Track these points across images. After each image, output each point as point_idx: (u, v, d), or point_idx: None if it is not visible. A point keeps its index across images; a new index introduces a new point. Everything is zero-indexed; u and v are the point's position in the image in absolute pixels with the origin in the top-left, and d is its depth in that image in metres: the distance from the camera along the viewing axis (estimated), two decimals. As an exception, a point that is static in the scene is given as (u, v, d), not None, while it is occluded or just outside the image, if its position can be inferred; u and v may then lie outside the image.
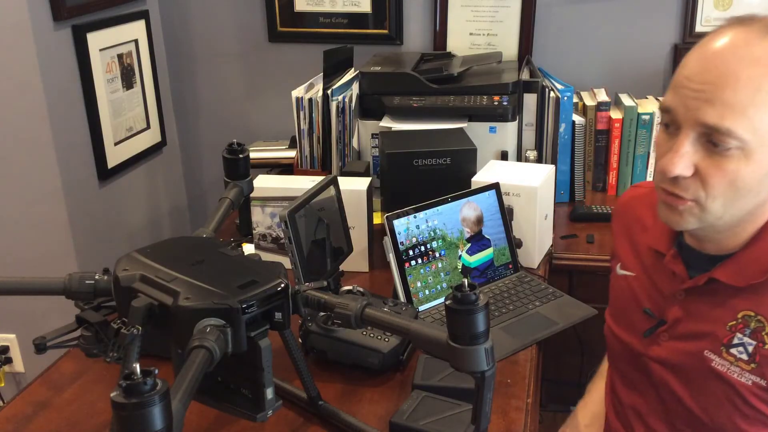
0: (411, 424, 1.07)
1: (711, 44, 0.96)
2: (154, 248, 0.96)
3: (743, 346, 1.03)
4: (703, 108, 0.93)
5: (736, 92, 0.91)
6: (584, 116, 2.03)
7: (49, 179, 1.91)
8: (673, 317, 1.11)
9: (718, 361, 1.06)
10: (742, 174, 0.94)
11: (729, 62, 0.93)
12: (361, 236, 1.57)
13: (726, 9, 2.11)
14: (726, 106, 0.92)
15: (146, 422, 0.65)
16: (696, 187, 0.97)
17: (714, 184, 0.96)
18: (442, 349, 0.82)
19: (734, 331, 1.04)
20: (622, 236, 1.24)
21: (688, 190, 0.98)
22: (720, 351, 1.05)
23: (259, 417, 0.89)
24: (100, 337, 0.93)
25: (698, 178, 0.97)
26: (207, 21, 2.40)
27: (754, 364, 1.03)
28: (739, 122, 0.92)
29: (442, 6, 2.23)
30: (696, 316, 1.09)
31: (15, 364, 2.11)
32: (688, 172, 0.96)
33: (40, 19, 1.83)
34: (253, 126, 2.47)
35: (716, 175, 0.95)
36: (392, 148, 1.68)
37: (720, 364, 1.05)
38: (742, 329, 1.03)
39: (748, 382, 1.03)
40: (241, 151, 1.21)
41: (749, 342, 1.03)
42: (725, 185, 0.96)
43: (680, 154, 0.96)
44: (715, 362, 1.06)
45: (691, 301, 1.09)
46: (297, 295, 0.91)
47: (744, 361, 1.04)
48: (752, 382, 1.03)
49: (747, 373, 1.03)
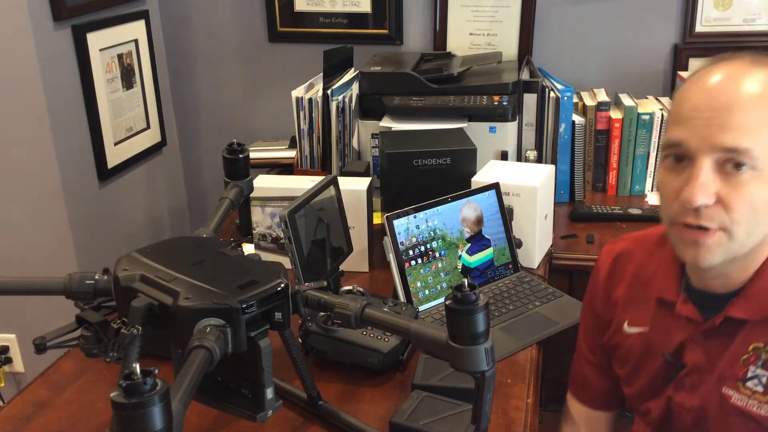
0: (411, 424, 1.07)
1: (709, 78, 1.00)
2: (154, 248, 0.96)
3: (757, 378, 1.03)
4: (718, 133, 0.95)
5: (746, 115, 0.94)
6: (584, 116, 2.03)
7: (49, 179, 1.91)
8: (692, 361, 1.10)
9: (736, 396, 1.05)
10: (760, 195, 0.96)
11: (732, 90, 0.96)
12: (361, 236, 1.57)
13: (726, 9, 2.11)
14: (739, 128, 0.94)
15: (146, 422, 0.65)
16: (720, 215, 0.97)
17: (737, 208, 0.96)
18: (442, 349, 0.82)
19: (747, 365, 1.04)
20: (624, 294, 1.20)
21: (714, 219, 0.97)
22: (737, 386, 1.05)
23: (259, 417, 0.89)
24: (100, 337, 0.93)
25: (720, 205, 0.96)
26: (207, 21, 2.40)
27: None
28: (756, 141, 0.94)
29: (442, 6, 2.23)
30: (714, 356, 1.08)
31: (15, 364, 2.11)
32: (711, 201, 0.96)
33: (40, 19, 1.83)
34: (253, 126, 2.47)
35: (737, 198, 0.95)
36: (392, 148, 1.68)
37: (739, 399, 1.05)
38: (755, 361, 1.03)
39: (767, 414, 1.03)
40: (241, 151, 1.21)
41: (762, 373, 1.03)
42: (747, 209, 0.96)
43: (701, 183, 0.95)
44: (734, 398, 1.06)
45: (708, 343, 1.09)
46: (297, 295, 0.91)
47: (760, 393, 1.04)
48: None
49: (765, 405, 1.03)
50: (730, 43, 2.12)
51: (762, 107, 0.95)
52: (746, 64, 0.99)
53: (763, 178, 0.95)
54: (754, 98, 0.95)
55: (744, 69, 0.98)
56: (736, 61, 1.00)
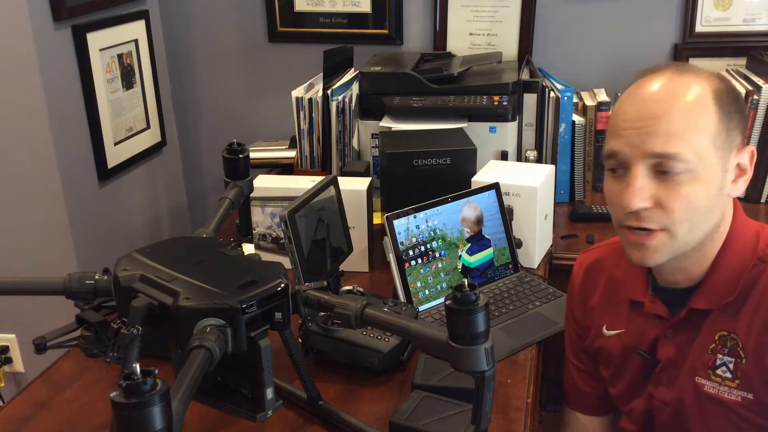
0: (411, 424, 1.07)
1: (639, 90, 1.07)
2: (154, 248, 0.96)
3: (725, 366, 1.09)
4: (648, 140, 1.02)
5: (672, 122, 1.01)
6: (584, 116, 2.03)
7: (49, 179, 1.91)
8: (665, 356, 1.15)
9: (709, 384, 1.11)
10: (696, 195, 1.02)
11: (661, 99, 1.03)
12: (361, 236, 1.57)
13: (726, 9, 2.11)
14: (667, 135, 1.01)
15: (146, 422, 0.65)
16: (660, 216, 1.03)
17: (675, 209, 1.02)
18: (442, 349, 0.82)
19: (715, 353, 1.10)
20: (600, 301, 1.26)
21: (654, 221, 1.04)
22: (708, 375, 1.11)
23: (259, 417, 0.89)
24: (100, 337, 0.93)
25: (659, 207, 1.03)
26: (207, 21, 2.40)
27: (738, 380, 1.08)
28: (683, 146, 1.01)
29: (442, 6, 2.23)
30: (684, 348, 1.13)
31: (15, 364, 2.11)
32: (648, 203, 1.03)
33: (40, 19, 1.83)
34: (253, 126, 2.47)
35: (674, 199, 1.02)
36: (392, 148, 1.68)
37: (711, 387, 1.11)
38: (721, 349, 1.09)
39: (737, 399, 1.09)
40: (241, 151, 1.21)
41: (729, 360, 1.09)
42: (685, 208, 1.02)
43: (637, 188, 1.03)
44: (707, 386, 1.11)
45: (678, 336, 1.14)
46: (297, 295, 0.91)
47: (729, 379, 1.09)
48: (741, 397, 1.08)
49: (734, 390, 1.09)
50: (730, 43, 2.12)
51: (687, 113, 1.02)
52: (671, 74, 1.06)
53: (696, 178, 1.02)
54: (680, 105, 1.02)
55: (669, 79, 1.05)
56: (662, 73, 1.07)
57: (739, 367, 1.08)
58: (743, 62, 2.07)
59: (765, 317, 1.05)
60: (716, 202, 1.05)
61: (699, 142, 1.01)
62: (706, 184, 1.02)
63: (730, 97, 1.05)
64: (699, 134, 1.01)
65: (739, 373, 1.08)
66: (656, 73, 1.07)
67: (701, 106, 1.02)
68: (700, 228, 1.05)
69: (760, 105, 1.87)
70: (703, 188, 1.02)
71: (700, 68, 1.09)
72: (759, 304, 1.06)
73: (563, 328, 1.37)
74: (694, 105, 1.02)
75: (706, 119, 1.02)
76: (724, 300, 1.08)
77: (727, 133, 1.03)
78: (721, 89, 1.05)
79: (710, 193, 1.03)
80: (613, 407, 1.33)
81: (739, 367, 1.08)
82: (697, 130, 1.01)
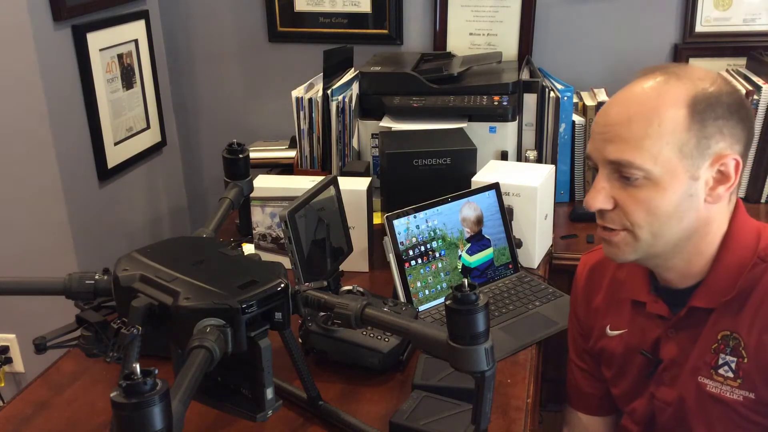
0: (411, 424, 1.07)
1: (619, 93, 1.08)
2: (154, 248, 0.96)
3: (728, 365, 1.09)
4: (607, 147, 1.05)
5: (630, 129, 1.03)
6: (584, 116, 2.03)
7: (49, 179, 1.91)
8: (668, 355, 1.16)
9: (711, 384, 1.11)
10: (655, 201, 1.04)
11: (622, 105, 1.06)
12: (361, 236, 1.57)
13: (726, 9, 2.11)
14: (623, 142, 1.03)
15: (146, 422, 0.65)
16: (621, 218, 1.07)
17: (632, 212, 1.05)
18: (442, 349, 0.82)
19: (718, 353, 1.10)
20: (603, 301, 1.26)
21: (615, 222, 1.08)
22: (711, 374, 1.11)
23: (259, 417, 0.89)
24: (100, 337, 0.93)
25: (620, 210, 1.06)
26: (207, 21, 2.40)
27: (740, 380, 1.08)
28: (637, 154, 1.02)
29: (442, 6, 2.23)
30: (686, 348, 1.14)
31: (15, 364, 2.11)
32: (607, 205, 1.07)
33: (40, 19, 1.83)
34: (253, 126, 2.46)
35: (632, 204, 1.05)
36: (392, 148, 1.68)
37: (713, 386, 1.11)
38: (724, 349, 1.09)
39: (739, 398, 1.09)
40: (241, 151, 1.21)
41: (731, 359, 1.09)
42: (644, 213, 1.05)
43: (597, 189, 1.07)
44: (709, 386, 1.11)
45: (679, 336, 1.14)
46: (297, 295, 0.91)
47: (731, 379, 1.09)
48: (743, 397, 1.08)
49: (736, 389, 1.09)
50: (730, 43, 2.12)
51: (647, 120, 1.02)
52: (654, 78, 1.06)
53: (656, 184, 1.03)
54: (640, 112, 1.03)
55: (647, 84, 1.05)
56: (648, 77, 1.07)
57: (741, 367, 1.08)
58: (743, 62, 2.07)
59: (766, 317, 1.05)
60: (684, 209, 1.04)
61: (659, 149, 1.01)
62: (667, 191, 1.03)
63: (713, 105, 1.02)
64: (659, 141, 1.01)
65: (741, 372, 1.08)
66: (643, 77, 1.07)
67: (665, 113, 1.01)
68: (664, 233, 1.06)
69: (760, 105, 1.87)
70: (664, 195, 1.03)
71: (696, 72, 1.06)
72: (760, 303, 1.06)
73: (563, 328, 1.37)
74: (656, 112, 1.02)
75: (669, 127, 1.01)
76: (723, 298, 1.08)
77: (699, 140, 1.01)
78: (703, 96, 1.02)
79: (673, 199, 1.03)
80: (614, 407, 1.34)
81: (741, 366, 1.08)
82: (658, 137, 1.01)
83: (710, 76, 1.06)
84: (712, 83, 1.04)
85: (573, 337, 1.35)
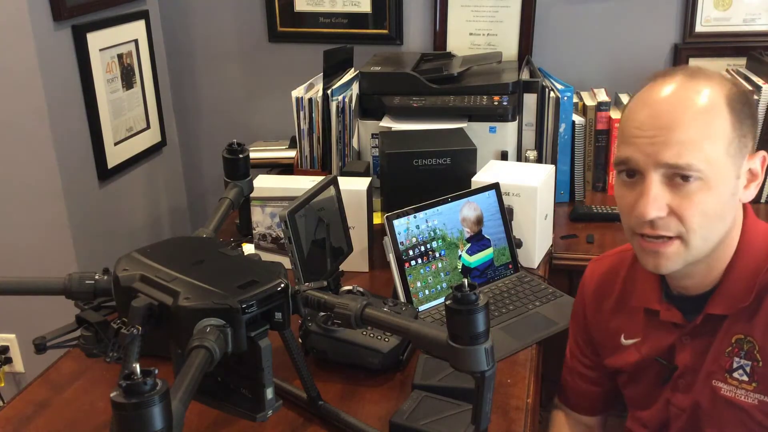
0: (411, 424, 1.07)
1: (651, 96, 1.05)
2: (154, 248, 0.96)
3: (742, 369, 1.08)
4: (662, 151, 1.01)
5: (685, 131, 1.00)
6: (584, 116, 2.03)
7: (49, 179, 1.91)
8: (683, 362, 1.15)
9: (725, 388, 1.10)
10: (709, 203, 1.02)
11: (673, 107, 1.02)
12: (361, 236, 1.57)
13: (726, 9, 2.11)
14: (681, 145, 1.00)
15: (146, 422, 0.65)
16: (675, 224, 1.03)
17: (689, 216, 1.02)
18: (442, 349, 0.82)
19: (732, 356, 1.09)
20: (615, 309, 1.24)
21: (670, 228, 1.03)
22: (725, 378, 1.10)
23: (259, 417, 0.89)
24: (100, 337, 0.93)
25: (674, 215, 1.02)
26: (207, 21, 2.40)
27: (755, 383, 1.08)
28: (696, 155, 1.00)
29: (442, 6, 2.23)
30: (701, 353, 1.12)
31: (15, 364, 2.11)
32: (663, 213, 1.02)
33: (40, 19, 1.83)
34: (253, 126, 2.46)
35: (689, 207, 1.01)
36: (392, 148, 1.68)
37: (728, 390, 1.10)
38: (738, 353, 1.09)
39: (754, 402, 1.08)
40: (241, 151, 1.21)
41: (746, 363, 1.08)
42: (699, 216, 1.02)
43: (652, 197, 1.02)
44: (723, 389, 1.10)
45: (695, 342, 1.13)
46: (297, 295, 0.91)
47: (746, 383, 1.08)
48: (758, 401, 1.07)
49: (751, 393, 1.08)
50: (730, 43, 2.12)
51: (700, 121, 1.00)
52: (682, 79, 1.04)
53: (709, 186, 1.01)
54: (692, 113, 1.01)
55: (681, 84, 1.04)
56: (674, 77, 1.05)
57: (756, 371, 1.07)
58: (743, 62, 2.07)
59: None
60: (728, 209, 1.04)
61: (712, 150, 1.00)
62: (718, 192, 1.02)
63: (742, 102, 1.03)
64: (712, 143, 1.00)
65: (756, 376, 1.07)
66: (667, 78, 1.05)
67: (715, 114, 1.01)
68: (713, 235, 1.04)
69: (760, 105, 1.87)
70: (715, 196, 1.01)
71: (712, 72, 1.06)
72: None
73: (563, 328, 1.37)
74: (707, 113, 1.01)
75: (719, 127, 1.01)
76: (740, 305, 1.07)
77: (740, 139, 1.02)
78: (734, 94, 1.03)
79: (722, 200, 1.03)
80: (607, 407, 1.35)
81: (755, 370, 1.07)
82: (711, 138, 1.00)
83: (725, 76, 1.07)
84: (734, 82, 1.06)
85: (575, 343, 1.33)
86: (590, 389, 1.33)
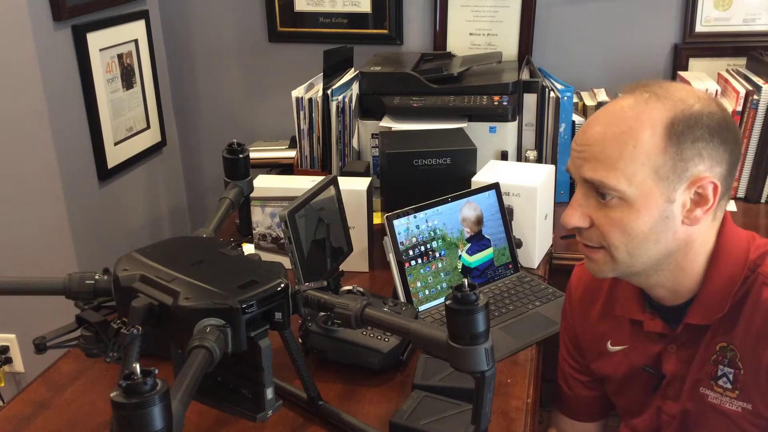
0: (411, 424, 1.07)
1: (598, 111, 1.08)
2: (154, 248, 0.96)
3: (726, 376, 1.09)
4: (583, 165, 1.05)
5: (605, 149, 1.02)
6: (584, 116, 2.03)
7: (49, 179, 1.91)
8: (670, 370, 1.15)
9: (712, 395, 1.11)
10: (630, 223, 1.02)
11: (600, 124, 1.04)
12: (361, 236, 1.57)
13: (726, 9, 2.11)
14: (597, 161, 1.03)
15: (146, 422, 0.65)
16: (597, 236, 1.06)
17: (607, 232, 1.04)
18: (442, 349, 0.82)
19: (717, 364, 1.10)
20: (601, 316, 1.24)
21: (592, 239, 1.07)
22: (711, 385, 1.11)
23: (259, 417, 0.89)
24: (100, 337, 0.93)
25: (597, 228, 1.06)
26: (207, 21, 2.40)
27: (738, 391, 1.08)
28: (611, 174, 1.01)
29: (442, 6, 2.23)
30: (687, 361, 1.13)
31: (15, 364, 2.11)
32: (583, 223, 1.06)
33: (40, 19, 1.83)
34: (253, 126, 2.46)
35: (606, 224, 1.04)
36: (392, 148, 1.68)
37: (714, 397, 1.11)
38: (722, 360, 1.09)
39: (738, 410, 1.09)
40: (241, 151, 1.21)
41: (729, 371, 1.09)
42: (618, 233, 1.04)
43: (573, 207, 1.07)
44: (710, 397, 1.11)
45: (680, 351, 1.14)
46: (297, 295, 0.91)
47: (730, 390, 1.09)
48: (741, 408, 1.08)
49: (735, 400, 1.09)
50: (730, 43, 2.12)
51: (623, 141, 1.01)
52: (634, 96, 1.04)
53: (630, 205, 1.02)
54: (614, 134, 1.02)
55: (625, 104, 1.04)
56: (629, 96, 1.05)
57: (738, 378, 1.07)
58: (743, 62, 2.07)
59: (758, 328, 1.04)
60: (660, 230, 1.02)
61: (633, 171, 1.00)
62: (642, 213, 1.01)
63: (692, 126, 0.99)
64: (634, 163, 1.00)
65: (738, 384, 1.08)
66: (625, 95, 1.05)
67: (641, 135, 1.00)
68: (642, 253, 1.04)
69: (760, 105, 1.87)
70: (638, 216, 1.01)
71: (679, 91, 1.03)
72: (752, 315, 1.05)
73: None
74: (632, 134, 1.00)
75: (645, 149, 0.99)
76: (716, 315, 1.07)
77: (675, 163, 0.99)
78: (682, 117, 0.99)
79: (649, 221, 1.02)
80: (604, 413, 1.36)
81: (738, 377, 1.07)
82: (632, 159, 1.00)
83: (693, 95, 1.02)
84: (694, 103, 1.01)
85: (565, 347, 1.33)
86: (584, 394, 1.33)
